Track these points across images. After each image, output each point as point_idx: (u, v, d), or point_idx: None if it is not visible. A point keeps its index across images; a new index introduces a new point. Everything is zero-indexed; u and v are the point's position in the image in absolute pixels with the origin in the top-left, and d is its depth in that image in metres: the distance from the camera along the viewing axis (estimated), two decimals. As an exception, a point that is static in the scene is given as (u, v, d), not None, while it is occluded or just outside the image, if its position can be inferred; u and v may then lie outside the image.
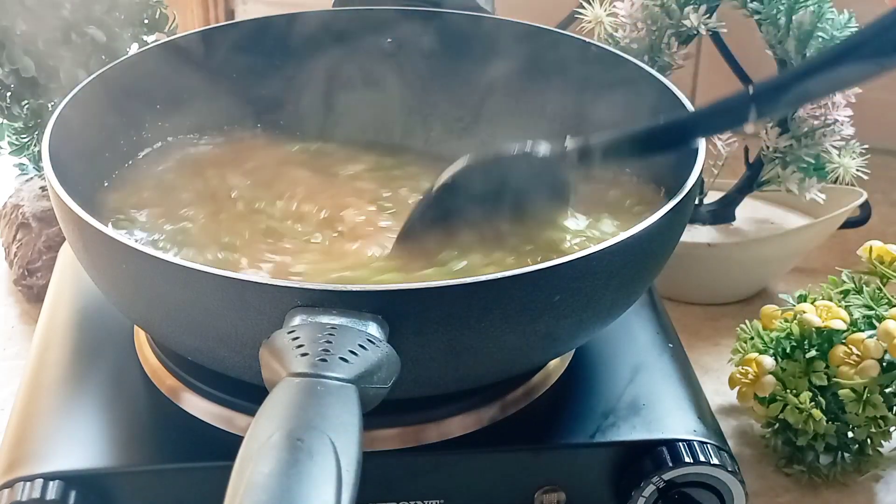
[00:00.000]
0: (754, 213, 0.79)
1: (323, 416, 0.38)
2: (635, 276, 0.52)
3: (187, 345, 0.51)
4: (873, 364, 0.59)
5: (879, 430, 0.61)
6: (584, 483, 0.55)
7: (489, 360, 0.49)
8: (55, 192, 0.51)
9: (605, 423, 0.55)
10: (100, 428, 0.54)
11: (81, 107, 0.60)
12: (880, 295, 0.64)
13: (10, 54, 0.74)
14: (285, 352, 0.41)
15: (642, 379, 0.58)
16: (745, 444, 0.66)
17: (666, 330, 0.63)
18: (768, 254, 0.77)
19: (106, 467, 0.52)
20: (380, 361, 0.42)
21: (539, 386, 0.57)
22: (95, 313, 0.62)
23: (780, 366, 0.62)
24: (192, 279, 0.46)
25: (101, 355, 0.59)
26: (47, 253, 0.77)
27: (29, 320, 0.77)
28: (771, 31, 0.70)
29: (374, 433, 0.53)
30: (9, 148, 0.82)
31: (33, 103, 0.78)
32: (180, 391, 0.56)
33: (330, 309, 0.44)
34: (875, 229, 0.80)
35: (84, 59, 0.76)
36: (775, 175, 0.74)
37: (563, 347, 0.56)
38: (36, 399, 0.56)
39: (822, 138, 0.71)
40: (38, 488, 0.50)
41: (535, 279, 0.46)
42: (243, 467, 0.36)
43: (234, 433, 0.54)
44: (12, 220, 0.81)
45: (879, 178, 0.79)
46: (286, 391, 0.39)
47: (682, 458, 0.53)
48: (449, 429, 0.54)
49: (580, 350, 0.60)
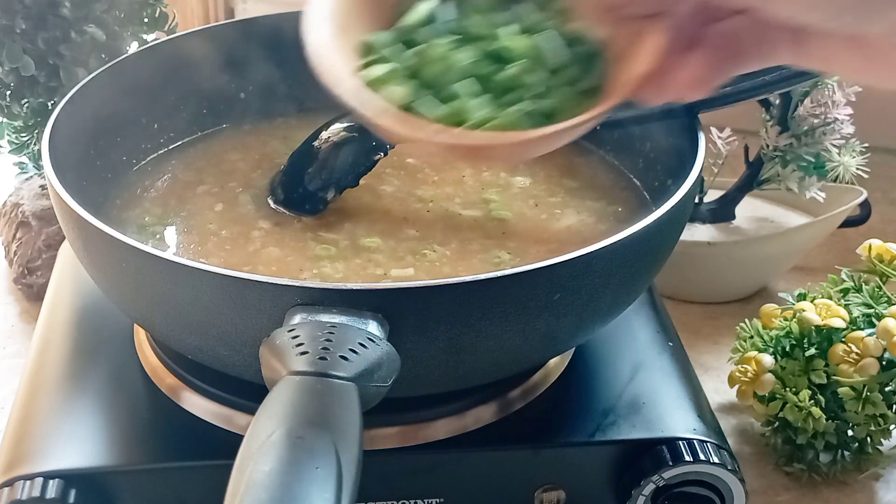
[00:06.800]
0: (754, 211, 0.79)
1: (323, 415, 0.38)
2: (635, 275, 0.52)
3: (187, 343, 0.51)
4: (873, 362, 0.59)
5: (879, 428, 0.61)
6: (583, 482, 0.55)
7: (489, 359, 0.49)
8: (55, 190, 0.51)
9: (605, 422, 0.55)
10: (99, 427, 0.54)
11: (81, 106, 0.60)
12: (880, 293, 0.64)
13: (11, 52, 0.74)
14: (285, 350, 0.41)
15: (642, 377, 0.58)
16: (744, 443, 0.66)
17: (666, 328, 0.63)
18: (768, 252, 0.77)
19: (106, 466, 0.52)
20: (380, 360, 0.42)
21: (539, 384, 0.57)
22: (95, 312, 0.62)
23: (779, 364, 0.62)
24: (191, 277, 0.46)
25: (100, 354, 0.59)
26: (47, 251, 0.77)
27: (29, 319, 0.77)
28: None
29: (374, 431, 0.53)
30: (9, 146, 0.82)
31: (33, 102, 0.78)
32: (180, 390, 0.56)
33: (330, 307, 0.44)
34: (875, 228, 0.80)
35: (84, 58, 0.76)
36: (775, 173, 0.74)
37: (562, 346, 0.56)
38: (36, 398, 0.56)
39: (822, 137, 0.71)
40: (38, 487, 0.50)
41: (535, 278, 0.46)
42: (244, 466, 0.36)
43: (234, 432, 0.54)
44: (12, 218, 0.81)
45: (879, 176, 0.79)
46: (286, 389, 0.39)
47: (682, 457, 0.53)
48: (449, 427, 0.54)
49: (580, 349, 0.60)
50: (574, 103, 0.48)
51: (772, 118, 0.72)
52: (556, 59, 0.48)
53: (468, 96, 0.47)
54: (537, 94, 0.48)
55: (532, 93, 0.48)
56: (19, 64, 0.74)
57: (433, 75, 0.48)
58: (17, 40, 0.74)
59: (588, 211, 0.61)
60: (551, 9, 0.51)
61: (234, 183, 0.64)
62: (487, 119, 0.47)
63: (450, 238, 0.58)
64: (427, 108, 0.47)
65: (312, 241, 0.58)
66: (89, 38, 0.75)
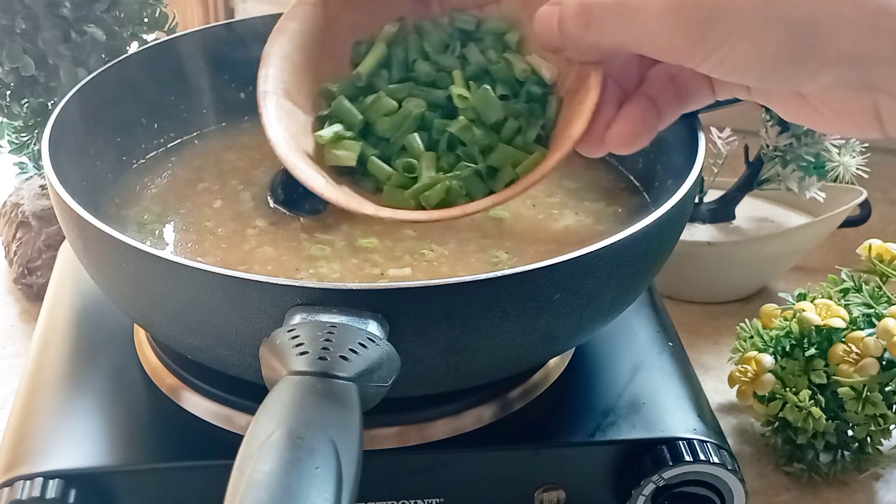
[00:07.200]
0: (754, 211, 0.79)
1: (323, 415, 0.38)
2: (635, 275, 0.52)
3: (187, 343, 0.51)
4: (873, 362, 0.59)
5: (879, 428, 0.61)
6: (583, 482, 0.55)
7: (489, 359, 0.49)
8: (55, 190, 0.51)
9: (605, 422, 0.55)
10: (99, 426, 0.54)
11: (81, 105, 0.60)
12: (880, 293, 0.64)
13: (10, 52, 0.74)
14: (285, 350, 0.41)
15: (642, 377, 0.58)
16: (744, 443, 0.66)
17: (666, 328, 0.63)
18: (768, 252, 0.77)
19: (106, 466, 0.52)
20: (380, 360, 0.42)
21: (539, 384, 0.57)
22: (95, 312, 0.62)
23: (779, 364, 0.62)
24: (191, 277, 0.46)
25: (100, 354, 0.59)
26: (47, 251, 0.77)
27: (29, 319, 0.77)
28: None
29: (375, 431, 0.53)
30: (9, 146, 0.82)
31: (33, 102, 0.78)
32: (180, 390, 0.56)
33: (330, 307, 0.44)
34: (875, 228, 0.80)
35: (84, 58, 0.76)
36: (775, 173, 0.74)
37: (562, 346, 0.56)
38: (36, 398, 0.56)
39: (822, 137, 0.71)
40: (37, 487, 0.50)
41: (535, 277, 0.46)
42: (244, 466, 0.36)
43: (234, 432, 0.54)
44: (12, 218, 0.81)
45: (879, 176, 0.79)
46: (286, 389, 0.39)
47: (682, 457, 0.53)
48: (448, 427, 0.54)
49: (580, 349, 0.60)
50: (519, 156, 0.51)
51: (772, 118, 0.72)
52: (494, 116, 0.51)
53: (415, 155, 0.51)
54: (482, 148, 0.50)
55: (475, 148, 0.50)
56: (19, 64, 0.74)
57: (383, 130, 0.51)
58: (17, 40, 0.74)
59: (586, 212, 0.61)
60: (504, 43, 0.53)
61: (236, 181, 0.64)
62: (435, 182, 0.50)
63: (447, 238, 0.58)
64: (376, 170, 0.51)
65: (307, 242, 0.58)
66: (89, 38, 0.75)
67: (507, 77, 0.52)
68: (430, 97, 0.53)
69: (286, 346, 0.41)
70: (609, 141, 0.48)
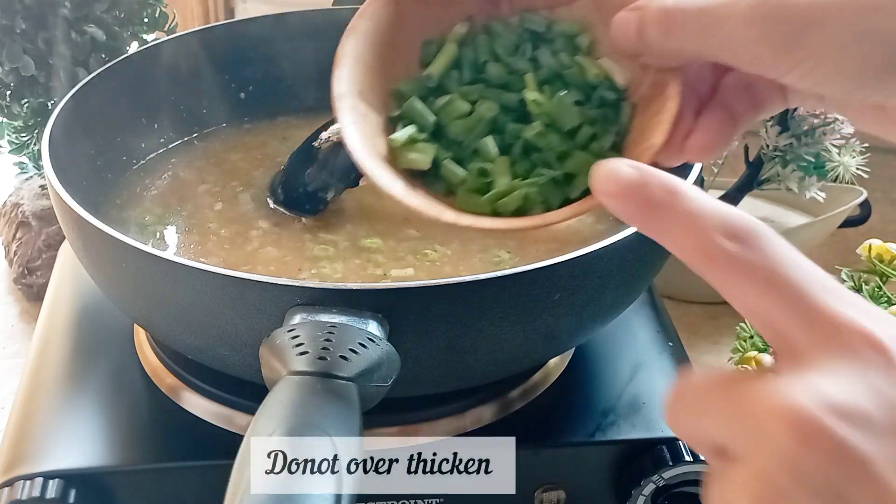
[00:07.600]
0: (754, 211, 0.79)
1: (323, 415, 0.38)
2: (635, 275, 0.52)
3: (187, 343, 0.51)
4: (873, 362, 0.59)
5: (879, 428, 0.61)
6: (584, 482, 0.55)
7: (489, 359, 0.49)
8: (55, 190, 0.51)
9: (605, 422, 0.55)
10: (99, 426, 0.54)
11: (81, 106, 0.60)
12: (880, 293, 0.64)
13: (10, 52, 0.74)
14: (285, 350, 0.41)
15: (642, 377, 0.58)
16: (744, 443, 0.66)
17: (666, 328, 0.63)
18: (768, 252, 0.77)
19: (106, 466, 0.52)
20: (380, 360, 0.42)
21: (539, 384, 0.57)
22: (95, 312, 0.62)
23: (779, 364, 0.62)
24: (191, 277, 0.46)
25: (100, 354, 0.59)
26: (47, 251, 0.77)
27: (29, 319, 0.77)
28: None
29: (374, 431, 0.53)
30: (9, 146, 0.82)
31: (33, 102, 0.78)
32: (180, 390, 0.56)
33: (330, 307, 0.44)
34: (875, 228, 0.80)
35: (84, 58, 0.76)
36: (775, 174, 0.74)
37: (562, 346, 0.56)
38: (36, 398, 0.56)
39: (822, 137, 0.71)
40: (37, 487, 0.50)
41: (535, 277, 0.46)
42: (244, 466, 0.36)
43: (234, 432, 0.54)
44: (12, 218, 0.81)
45: (879, 176, 0.79)
46: (286, 389, 0.39)
47: (682, 457, 0.53)
48: (449, 427, 0.54)
49: (580, 348, 0.60)
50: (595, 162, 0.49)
51: (772, 118, 0.72)
52: (570, 123, 0.49)
53: (489, 160, 0.49)
54: (557, 154, 0.49)
55: (551, 154, 0.49)
56: (19, 64, 0.74)
57: (456, 133, 0.49)
58: (17, 40, 0.74)
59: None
60: (575, 46, 0.52)
61: (236, 182, 0.64)
62: (512, 189, 0.48)
63: (451, 238, 0.58)
64: (450, 174, 0.49)
65: (311, 242, 0.58)
66: (89, 38, 0.75)
67: (579, 81, 0.51)
68: (501, 100, 0.52)
69: (286, 346, 0.41)
70: (688, 151, 0.47)
